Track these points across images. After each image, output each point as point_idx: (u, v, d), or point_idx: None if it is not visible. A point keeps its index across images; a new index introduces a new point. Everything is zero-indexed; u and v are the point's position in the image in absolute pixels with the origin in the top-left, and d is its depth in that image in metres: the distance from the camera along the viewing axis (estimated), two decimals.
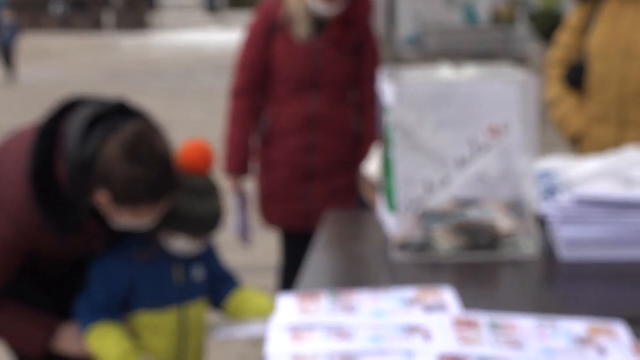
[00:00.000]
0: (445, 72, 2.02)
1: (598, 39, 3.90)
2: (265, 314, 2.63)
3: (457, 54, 19.29)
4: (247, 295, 2.87)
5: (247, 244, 4.40)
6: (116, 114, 2.53)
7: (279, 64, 4.09)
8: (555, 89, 4.10)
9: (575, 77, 4.03)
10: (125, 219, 2.55)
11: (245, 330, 2.58)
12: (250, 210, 4.34)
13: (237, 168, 4.15)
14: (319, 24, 4.00)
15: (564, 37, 4.12)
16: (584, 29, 4.01)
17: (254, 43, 4.13)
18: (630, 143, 3.67)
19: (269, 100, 4.14)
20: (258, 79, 4.11)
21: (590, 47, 3.95)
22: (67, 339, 2.72)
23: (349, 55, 4.10)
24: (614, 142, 3.84)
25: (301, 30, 3.98)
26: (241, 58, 4.19)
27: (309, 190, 4.12)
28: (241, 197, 4.25)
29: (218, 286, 2.88)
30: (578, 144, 4.06)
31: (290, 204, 4.12)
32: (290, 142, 4.09)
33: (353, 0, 4.01)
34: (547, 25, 18.86)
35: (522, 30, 20.36)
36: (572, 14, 4.14)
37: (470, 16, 20.73)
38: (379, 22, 10.14)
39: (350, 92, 4.20)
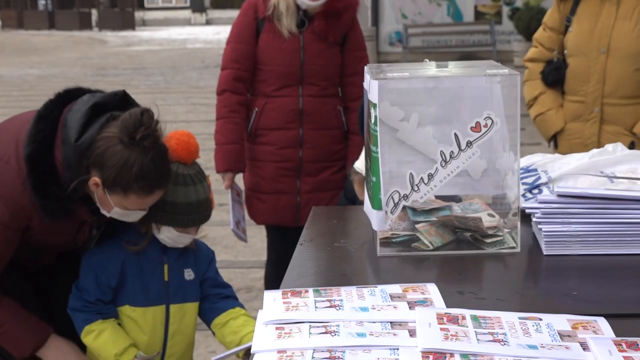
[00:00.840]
0: (429, 69, 2.02)
1: (576, 36, 3.94)
2: (244, 342, 2.72)
3: (441, 51, 19.34)
4: (235, 320, 2.86)
5: (243, 240, 4.38)
6: (118, 105, 2.56)
7: (266, 58, 4.10)
8: (535, 88, 4.13)
9: (553, 75, 4.05)
10: (115, 210, 2.55)
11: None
12: (244, 206, 4.34)
13: (228, 165, 4.14)
14: (305, 17, 4.01)
15: (542, 36, 4.15)
16: (561, 28, 4.03)
17: (240, 39, 4.14)
18: (610, 138, 3.71)
19: (255, 96, 4.15)
20: (245, 74, 4.12)
21: (568, 45, 3.97)
22: (54, 352, 2.73)
23: (335, 47, 4.12)
24: (593, 139, 3.88)
25: (287, 23, 3.99)
26: (228, 54, 4.19)
27: (296, 185, 4.12)
28: (234, 194, 4.23)
29: (214, 302, 2.91)
30: (558, 141, 4.08)
31: (278, 199, 4.12)
32: (277, 137, 4.09)
33: None
34: (531, 22, 18.89)
35: (507, 27, 20.41)
36: (549, 14, 4.19)
37: (455, 13, 20.75)
38: (363, 19, 10.11)
39: (337, 85, 4.21)
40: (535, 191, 2.15)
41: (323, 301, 1.60)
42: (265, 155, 4.15)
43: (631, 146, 3.83)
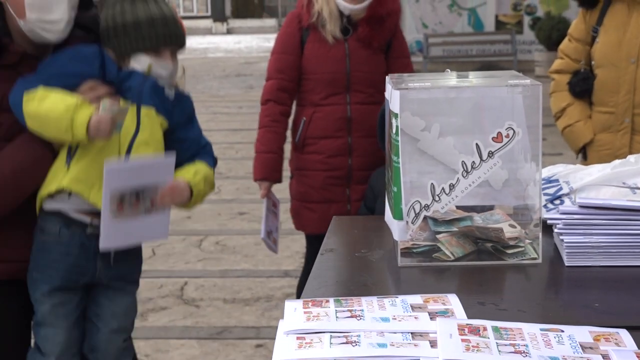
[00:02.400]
0: (450, 79, 2.02)
1: (604, 47, 3.90)
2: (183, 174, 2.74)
3: (462, 60, 19.33)
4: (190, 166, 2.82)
5: (273, 251, 4.39)
6: None
7: (312, 67, 4.12)
8: (562, 99, 4.10)
9: (581, 85, 4.02)
10: (29, 2, 2.43)
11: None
12: (279, 217, 4.35)
13: (265, 173, 4.16)
14: (349, 24, 4.05)
15: (567, 48, 4.12)
16: (587, 38, 4.01)
17: (284, 49, 4.18)
18: None
19: (303, 106, 4.17)
20: (289, 84, 4.15)
21: (596, 56, 3.94)
22: None
23: (379, 54, 4.15)
24: (624, 149, 3.85)
25: (331, 29, 4.02)
26: (272, 64, 4.22)
27: (346, 193, 4.12)
28: (270, 204, 4.24)
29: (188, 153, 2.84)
30: (587, 153, 4.06)
31: (328, 208, 4.11)
32: (326, 146, 4.11)
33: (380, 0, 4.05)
34: (552, 31, 18.85)
35: (528, 36, 20.36)
36: (575, 25, 4.14)
37: (476, 22, 20.73)
38: None
39: (383, 92, 4.22)
40: (557, 202, 2.14)
41: (344, 311, 1.60)
42: (314, 165, 4.16)
43: None
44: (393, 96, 1.91)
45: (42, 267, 2.67)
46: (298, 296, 4.36)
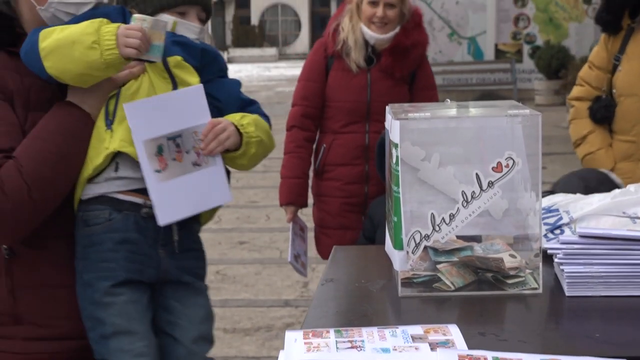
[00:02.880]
0: (450, 109, 2.02)
1: (627, 76, 3.90)
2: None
3: (462, 89, 19.38)
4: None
5: (302, 274, 4.39)
6: None
7: (334, 95, 4.18)
8: (583, 127, 4.09)
9: (602, 112, 4.01)
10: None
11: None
12: (306, 241, 4.37)
13: (290, 198, 4.19)
14: (373, 54, 4.10)
15: (588, 75, 4.11)
16: (609, 66, 4.00)
17: (310, 76, 4.25)
18: None
19: (324, 133, 4.22)
20: (314, 111, 4.21)
21: (618, 85, 3.94)
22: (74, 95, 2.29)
23: (402, 85, 4.19)
24: None
25: (355, 57, 4.07)
26: (298, 91, 4.29)
27: (362, 221, 4.15)
28: (297, 228, 4.27)
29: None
30: None
31: (344, 234, 4.14)
32: (344, 173, 4.16)
33: (405, 30, 4.09)
34: (551, 60, 18.92)
35: (527, 65, 20.43)
36: (596, 52, 4.12)
37: (475, 51, 20.80)
38: None
39: None
40: (557, 231, 2.14)
41: (344, 342, 1.59)
42: (332, 191, 4.21)
43: None
44: (393, 126, 1.92)
45: (96, 263, 2.28)
46: None
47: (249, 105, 2.58)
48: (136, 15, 2.22)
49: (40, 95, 2.24)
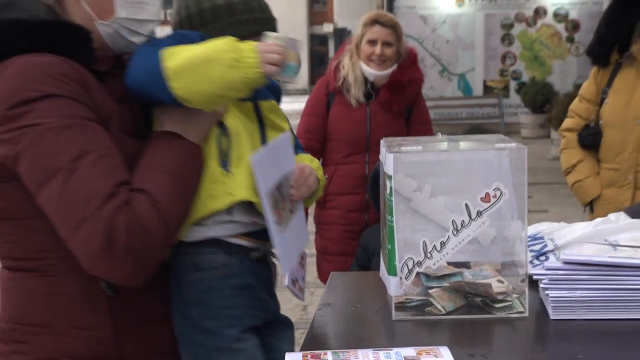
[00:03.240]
0: (441, 142, 2.03)
1: (613, 108, 3.98)
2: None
3: (452, 123, 19.43)
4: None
5: (299, 298, 4.37)
6: None
7: (335, 128, 4.22)
8: (574, 156, 4.16)
9: (590, 139, 4.09)
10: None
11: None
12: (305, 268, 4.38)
13: None
14: (372, 89, 4.16)
15: (578, 108, 4.18)
16: (597, 99, 4.06)
17: (313, 112, 4.31)
18: None
19: (326, 165, 4.26)
20: (316, 145, 4.24)
21: (604, 116, 4.00)
22: (182, 125, 1.96)
23: (400, 118, 4.24)
24: (626, 203, 3.94)
25: (355, 93, 4.12)
26: (301, 126, 4.34)
27: None
28: None
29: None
30: (594, 207, 4.10)
31: (345, 261, 4.16)
32: (345, 202, 4.19)
33: (402, 67, 4.15)
34: (537, 95, 18.99)
35: (514, 100, 20.50)
36: (585, 86, 4.21)
37: (465, 87, 20.88)
38: None
39: None
40: (542, 258, 2.14)
41: None
42: (333, 219, 4.24)
43: None
44: (387, 159, 1.92)
45: (218, 309, 2.01)
46: None
47: (298, 147, 2.38)
48: (269, 33, 1.98)
49: (127, 119, 1.97)
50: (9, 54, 1.78)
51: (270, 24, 2.15)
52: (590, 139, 4.06)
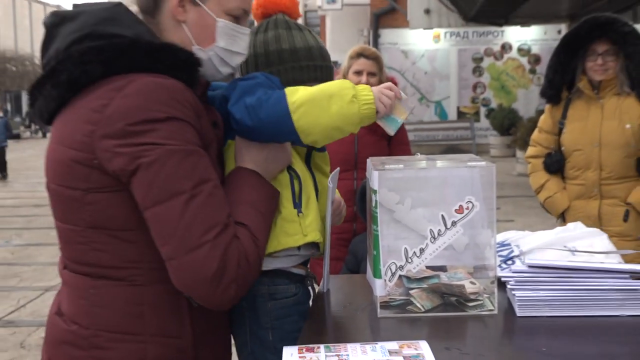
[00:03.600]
0: (420, 161, 2.02)
1: (571, 135, 4.09)
2: None
3: (430, 144, 19.47)
4: None
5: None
6: None
7: (328, 148, 4.22)
8: (541, 177, 4.27)
9: (555, 166, 4.16)
10: (220, 24, 1.82)
11: None
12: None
13: None
14: None
15: (539, 138, 4.28)
16: (555, 129, 4.16)
17: None
18: (608, 209, 3.93)
19: None
20: None
21: (565, 143, 4.09)
22: (261, 165, 1.90)
23: (383, 140, 4.28)
24: (594, 211, 4.02)
25: None
26: None
27: None
28: None
29: None
30: (566, 217, 4.15)
31: (336, 265, 4.16)
32: None
33: None
34: (504, 120, 19.05)
35: (484, 124, 20.57)
36: (543, 119, 4.28)
37: (441, 113, 20.94)
38: None
39: None
40: (510, 262, 2.14)
41: (332, 356, 1.57)
42: None
43: (626, 213, 3.94)
44: (372, 176, 1.92)
45: (291, 333, 1.99)
46: None
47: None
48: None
49: (219, 145, 1.90)
50: (127, 71, 1.67)
51: (329, 72, 2.10)
52: (556, 165, 4.13)
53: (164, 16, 1.82)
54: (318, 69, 2.08)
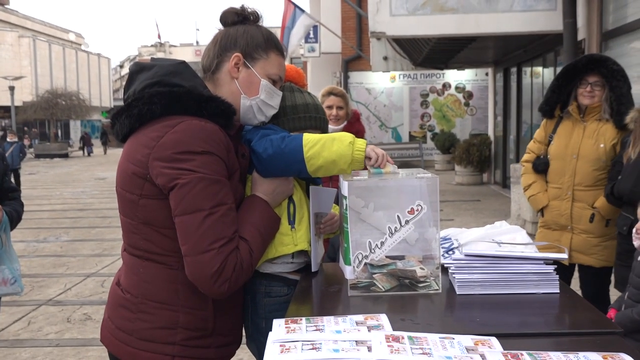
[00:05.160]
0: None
1: (557, 147, 4.11)
2: None
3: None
4: None
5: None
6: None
7: None
8: (530, 178, 4.23)
9: (542, 167, 4.14)
10: (263, 84, 1.95)
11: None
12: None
13: None
14: None
15: (533, 147, 4.29)
16: (545, 141, 4.19)
17: None
18: (578, 211, 3.91)
19: None
20: None
21: (551, 152, 4.10)
22: (271, 194, 1.98)
23: None
24: (567, 211, 3.99)
25: None
26: None
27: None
28: None
29: None
30: (544, 212, 4.15)
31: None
32: None
33: (350, 123, 4.28)
34: (445, 142, 19.14)
35: (430, 145, 20.64)
36: (538, 132, 4.26)
37: (397, 136, 20.99)
38: None
39: None
40: (450, 252, 2.13)
41: (311, 326, 1.56)
42: None
43: (592, 216, 3.90)
44: (343, 185, 1.91)
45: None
46: None
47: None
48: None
49: (243, 172, 1.97)
50: (180, 113, 1.79)
51: (322, 121, 2.19)
52: (543, 166, 4.12)
53: (222, 74, 1.95)
54: (312, 119, 2.16)
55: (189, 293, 1.83)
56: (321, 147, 1.90)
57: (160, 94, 1.80)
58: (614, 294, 3.79)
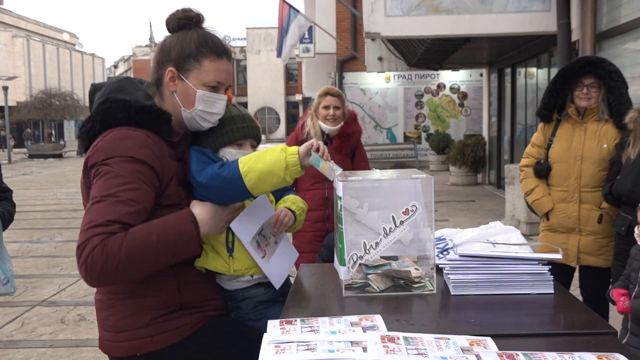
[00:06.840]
0: (375, 174, 2.01)
1: (558, 150, 4.04)
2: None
3: (383, 161, 19.51)
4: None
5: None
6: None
7: (305, 168, 4.22)
8: (531, 183, 4.18)
9: (543, 172, 4.10)
10: (200, 94, 1.98)
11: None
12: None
13: None
14: (328, 138, 4.25)
15: (531, 151, 4.24)
16: (545, 144, 4.13)
17: None
18: (585, 213, 3.88)
19: (298, 191, 4.33)
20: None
21: (553, 156, 4.06)
22: (200, 209, 1.95)
23: (347, 158, 4.35)
24: (574, 214, 3.96)
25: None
26: None
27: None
28: None
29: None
30: (550, 216, 4.11)
31: (313, 256, 4.18)
32: (312, 215, 4.28)
33: (347, 123, 4.34)
34: (440, 142, 19.15)
35: (424, 145, 20.64)
36: (536, 136, 4.23)
37: (391, 137, 20.99)
38: None
39: None
40: (445, 253, 2.13)
41: (306, 327, 1.56)
42: (304, 227, 4.28)
43: (601, 216, 3.88)
44: (338, 185, 1.91)
45: (260, 311, 2.17)
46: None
47: (289, 189, 2.44)
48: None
49: (182, 175, 2.01)
50: (115, 126, 1.91)
51: (257, 130, 2.22)
52: (545, 171, 4.07)
53: (164, 87, 2.02)
54: (250, 127, 2.16)
55: (149, 278, 1.89)
56: (255, 160, 1.94)
57: (100, 111, 1.94)
58: None
